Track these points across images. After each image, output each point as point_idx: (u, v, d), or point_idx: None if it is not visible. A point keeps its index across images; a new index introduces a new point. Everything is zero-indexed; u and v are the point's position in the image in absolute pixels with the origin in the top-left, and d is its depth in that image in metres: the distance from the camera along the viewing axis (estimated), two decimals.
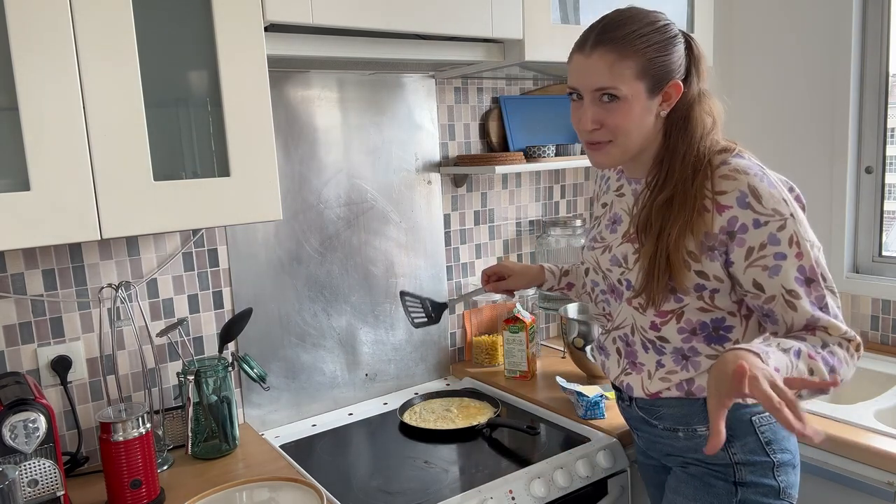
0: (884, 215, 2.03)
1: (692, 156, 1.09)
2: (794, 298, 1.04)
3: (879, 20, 1.96)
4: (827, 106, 2.05)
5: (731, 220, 1.05)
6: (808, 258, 1.04)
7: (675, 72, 1.09)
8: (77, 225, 1.12)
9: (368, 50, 1.46)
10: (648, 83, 1.08)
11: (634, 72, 1.07)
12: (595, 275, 1.28)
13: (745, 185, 1.05)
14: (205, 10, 1.21)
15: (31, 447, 1.15)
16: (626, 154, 1.13)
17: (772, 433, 1.16)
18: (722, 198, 1.05)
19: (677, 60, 1.10)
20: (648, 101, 1.09)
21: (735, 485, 1.17)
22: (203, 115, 1.27)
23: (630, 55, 1.06)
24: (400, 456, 1.54)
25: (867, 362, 1.86)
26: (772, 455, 1.16)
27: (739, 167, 1.06)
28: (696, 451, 1.20)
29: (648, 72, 1.07)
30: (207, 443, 1.52)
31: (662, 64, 1.08)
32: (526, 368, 1.90)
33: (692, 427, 1.19)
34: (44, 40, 1.06)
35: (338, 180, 1.78)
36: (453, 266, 2.03)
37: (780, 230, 1.03)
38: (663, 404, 1.20)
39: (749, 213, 1.04)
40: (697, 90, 1.12)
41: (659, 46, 1.08)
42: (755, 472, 1.16)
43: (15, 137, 1.06)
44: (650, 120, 1.11)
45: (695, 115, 1.11)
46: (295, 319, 1.75)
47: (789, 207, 1.04)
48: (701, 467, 1.20)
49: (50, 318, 1.44)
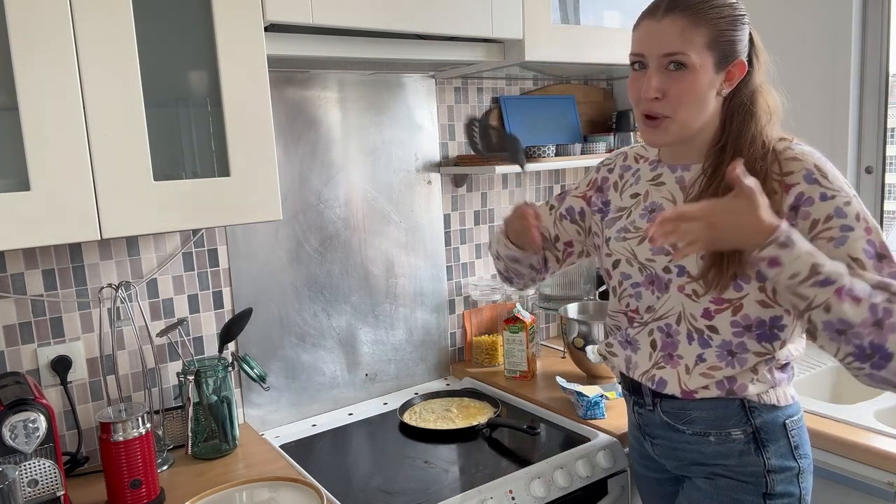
0: (884, 215, 2.03)
1: (760, 140, 1.08)
2: (860, 268, 0.97)
3: (879, 20, 1.96)
4: (827, 106, 2.05)
5: (797, 196, 1.03)
6: (878, 235, 1.00)
7: (741, 51, 1.08)
8: (77, 225, 1.12)
9: (368, 50, 1.46)
10: (717, 56, 1.06)
11: (706, 40, 1.05)
12: (628, 266, 1.21)
13: (812, 164, 1.04)
14: (205, 10, 1.21)
15: (31, 447, 1.15)
16: (683, 132, 1.10)
17: (799, 437, 1.15)
18: (789, 177, 1.04)
19: (744, 40, 1.09)
20: (714, 76, 1.07)
21: (764, 497, 1.13)
22: (203, 115, 1.27)
23: (703, 23, 1.04)
24: (400, 456, 1.54)
25: None
26: (799, 460, 1.15)
27: (805, 150, 1.06)
28: (728, 458, 1.15)
29: (719, 44, 1.06)
30: (207, 443, 1.52)
31: (732, 39, 1.07)
32: (526, 368, 1.90)
33: (726, 430, 1.14)
34: (44, 40, 1.06)
35: (338, 180, 1.78)
36: (453, 266, 2.03)
37: (846, 205, 1.01)
38: (695, 406, 1.16)
39: (816, 187, 1.02)
40: (759, 79, 1.11)
41: (731, 20, 1.07)
42: (784, 481, 1.14)
43: (15, 137, 1.06)
44: (712, 96, 1.09)
45: (759, 102, 1.10)
46: (295, 319, 1.75)
47: (852, 190, 1.04)
48: (730, 478, 1.15)
49: (50, 318, 1.44)
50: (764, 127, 1.09)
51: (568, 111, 2.16)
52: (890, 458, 1.35)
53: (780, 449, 1.14)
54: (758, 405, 1.13)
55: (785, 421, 1.14)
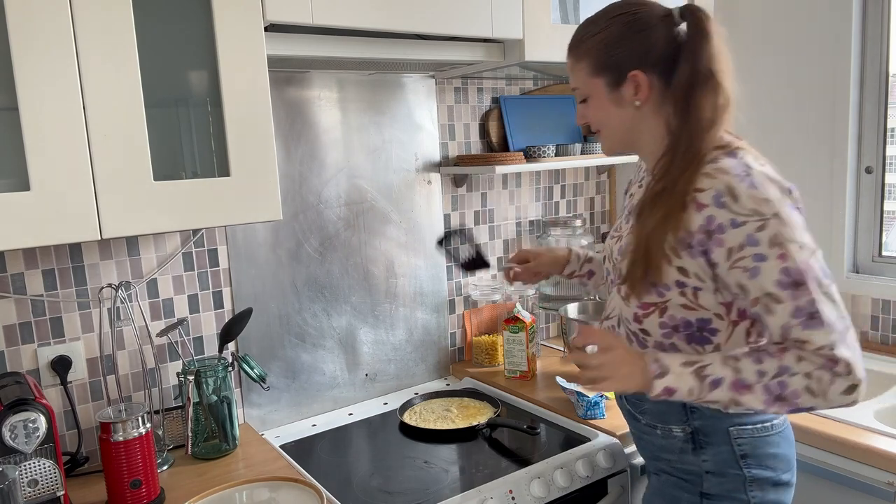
0: (884, 215, 2.03)
1: (692, 150, 1.05)
2: (774, 302, 0.99)
3: (879, 20, 1.96)
4: (827, 106, 2.05)
5: (708, 219, 1.01)
6: (794, 260, 0.97)
7: (638, 61, 1.07)
8: (77, 225, 1.12)
9: (368, 50, 1.46)
10: (606, 79, 1.11)
11: (589, 70, 1.12)
12: (608, 263, 1.26)
13: (723, 184, 1.00)
14: (205, 10, 1.21)
15: (31, 447, 1.15)
16: (616, 142, 1.17)
17: (751, 448, 1.12)
18: (700, 195, 1.02)
19: (642, 48, 1.07)
20: (613, 94, 1.11)
21: (701, 496, 1.14)
22: (203, 115, 1.27)
23: (582, 56, 1.13)
24: (400, 456, 1.54)
25: (867, 362, 1.85)
26: (745, 469, 1.12)
27: (723, 166, 1.02)
28: (671, 453, 1.18)
29: (603, 68, 1.10)
30: (207, 443, 1.52)
31: (616, 57, 1.09)
32: (526, 368, 1.90)
33: (669, 426, 1.17)
34: (44, 40, 1.06)
35: (338, 180, 1.79)
36: (453, 266, 2.03)
37: (759, 230, 0.99)
38: (646, 398, 1.13)
39: (725, 212, 1.00)
40: (696, 73, 1.05)
41: (615, 39, 1.08)
42: (724, 485, 1.13)
43: (15, 137, 1.06)
44: (624, 112, 1.12)
45: (694, 103, 1.06)
46: (295, 319, 1.75)
47: (773, 207, 0.99)
48: (671, 475, 1.19)
49: (50, 318, 1.44)
50: (701, 132, 1.06)
51: (568, 111, 2.16)
52: (890, 458, 1.35)
53: (720, 454, 1.12)
54: (698, 407, 1.12)
55: (728, 428, 1.12)
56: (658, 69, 1.08)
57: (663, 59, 1.08)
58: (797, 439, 1.50)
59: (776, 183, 1.04)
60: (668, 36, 1.07)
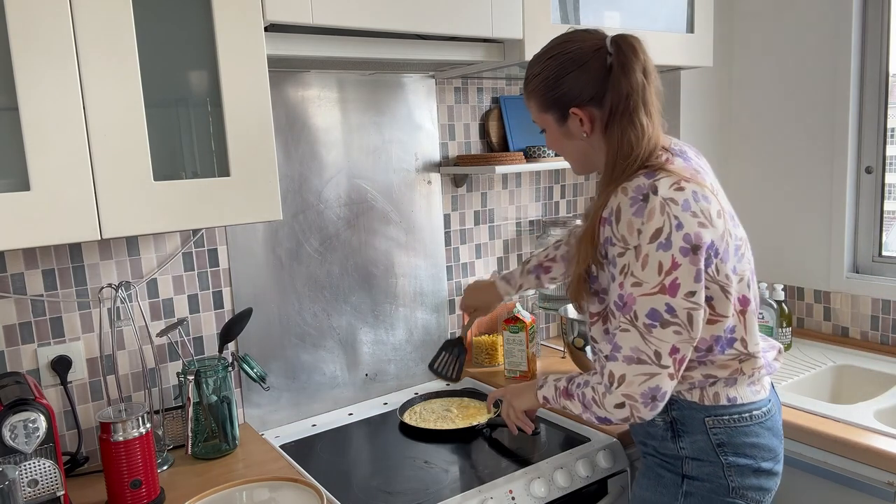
0: (884, 215, 2.03)
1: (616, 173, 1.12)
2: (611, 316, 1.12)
3: (879, 20, 1.96)
4: (827, 106, 2.05)
5: (605, 237, 1.11)
6: (626, 288, 1.07)
7: (576, 97, 1.14)
8: (77, 225, 1.12)
9: (368, 50, 1.46)
10: (554, 114, 1.19)
11: (539, 107, 1.21)
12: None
13: (616, 204, 1.09)
14: (205, 10, 1.21)
15: (31, 447, 1.15)
16: (580, 167, 1.27)
17: (727, 437, 1.17)
18: (604, 211, 1.11)
19: (578, 84, 1.13)
20: (563, 129, 1.20)
21: (682, 477, 1.21)
22: (203, 115, 1.27)
23: (531, 95, 1.21)
24: (400, 456, 1.54)
25: (867, 362, 1.86)
26: (722, 457, 1.17)
27: (627, 187, 1.09)
28: (654, 439, 1.25)
29: (549, 105, 1.18)
30: (207, 443, 1.52)
31: (558, 94, 1.16)
32: (526, 368, 1.90)
33: None
34: (44, 40, 1.06)
35: (338, 180, 1.79)
36: (453, 266, 2.03)
37: (619, 256, 1.08)
38: None
39: (608, 228, 1.10)
40: (617, 103, 1.11)
41: (554, 78, 1.15)
42: (703, 468, 1.19)
43: (15, 137, 1.06)
44: (576, 143, 1.21)
45: (614, 133, 1.13)
46: (295, 319, 1.75)
47: (638, 239, 1.05)
48: (655, 457, 1.26)
49: (50, 318, 1.44)
50: (624, 157, 1.11)
51: None
52: (890, 458, 1.35)
53: (697, 442, 1.19)
54: (677, 399, 1.20)
55: (704, 418, 1.17)
56: (597, 102, 1.14)
57: (600, 92, 1.13)
58: (797, 439, 1.50)
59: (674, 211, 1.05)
60: (601, 68, 1.13)
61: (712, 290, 1.10)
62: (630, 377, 1.08)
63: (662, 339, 1.06)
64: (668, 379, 1.08)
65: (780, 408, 1.26)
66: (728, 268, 1.11)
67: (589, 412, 1.15)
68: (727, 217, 1.13)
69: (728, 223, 1.12)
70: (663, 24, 1.86)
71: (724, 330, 1.14)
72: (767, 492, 1.21)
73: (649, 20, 1.83)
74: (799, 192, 2.17)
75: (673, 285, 1.04)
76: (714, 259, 1.08)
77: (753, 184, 2.29)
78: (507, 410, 1.40)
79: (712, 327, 1.13)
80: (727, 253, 1.10)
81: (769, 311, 1.98)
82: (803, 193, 2.16)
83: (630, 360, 1.08)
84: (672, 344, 1.06)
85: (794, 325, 2.22)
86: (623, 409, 1.09)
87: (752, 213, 2.29)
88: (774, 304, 1.99)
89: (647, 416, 1.09)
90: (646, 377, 1.07)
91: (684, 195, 1.06)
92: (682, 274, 1.04)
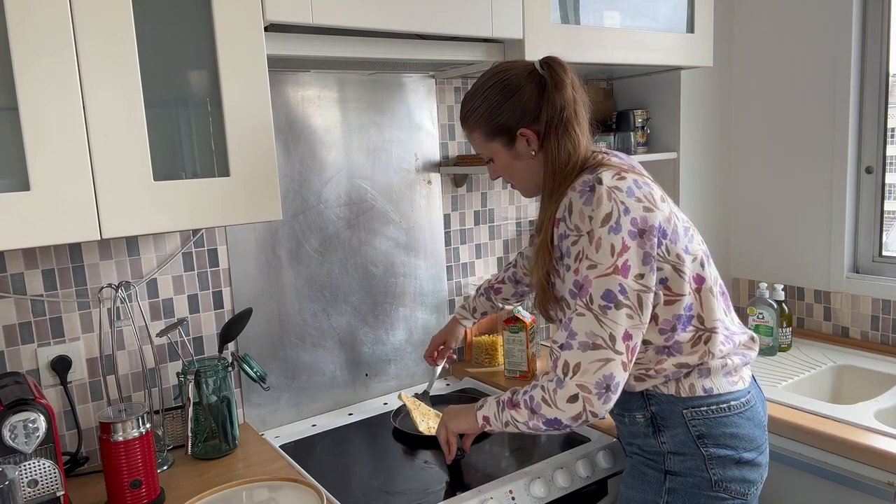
0: (884, 215, 2.03)
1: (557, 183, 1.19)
2: (567, 307, 1.14)
3: (879, 20, 1.96)
4: (827, 106, 2.05)
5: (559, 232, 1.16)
6: (581, 272, 1.10)
7: (520, 119, 1.21)
8: (77, 225, 1.12)
9: (368, 50, 1.46)
10: (501, 140, 1.25)
11: (483, 138, 1.26)
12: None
13: (568, 201, 1.15)
14: (205, 10, 1.21)
15: (30, 447, 1.15)
16: (529, 189, 1.31)
17: (706, 428, 1.19)
18: (556, 213, 1.17)
19: (520, 107, 1.21)
20: (511, 152, 1.25)
21: (665, 473, 1.22)
22: (203, 115, 1.27)
23: (473, 128, 1.27)
24: (400, 456, 1.54)
25: (867, 362, 1.86)
26: (703, 448, 1.19)
27: (575, 185, 1.15)
28: (637, 437, 1.26)
29: (494, 133, 1.24)
30: (207, 443, 1.52)
31: (501, 122, 1.22)
32: (526, 368, 1.90)
33: (632, 413, 1.26)
34: (44, 40, 1.06)
35: (338, 180, 1.79)
36: (453, 266, 2.03)
37: (573, 244, 1.13)
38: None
39: (563, 225, 1.15)
40: (552, 119, 1.19)
41: (495, 106, 1.22)
42: (685, 463, 1.20)
43: (15, 137, 1.06)
44: (526, 163, 1.25)
45: (550, 146, 1.20)
46: (295, 319, 1.75)
47: (590, 225, 1.10)
48: (640, 456, 1.27)
49: (50, 318, 1.44)
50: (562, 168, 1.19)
51: None
52: (890, 458, 1.35)
53: (677, 436, 1.20)
54: (654, 394, 1.22)
55: (682, 411, 1.19)
56: (535, 120, 1.21)
57: (536, 111, 1.21)
58: (797, 439, 1.51)
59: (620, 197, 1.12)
60: (537, 90, 1.21)
61: (666, 271, 1.15)
62: (585, 365, 1.09)
63: (616, 321, 1.09)
64: (621, 368, 1.09)
65: (763, 401, 1.29)
66: (679, 248, 1.16)
67: (536, 416, 1.14)
68: (671, 202, 1.20)
69: (673, 207, 1.19)
70: (663, 24, 1.86)
71: (683, 308, 1.17)
72: (752, 484, 1.21)
73: (649, 20, 1.83)
74: (799, 192, 2.17)
75: (625, 266, 1.09)
76: (664, 240, 1.14)
77: (753, 184, 2.29)
78: (440, 432, 1.37)
79: (672, 307, 1.17)
80: (676, 234, 1.16)
81: (769, 311, 1.98)
82: (803, 193, 2.16)
83: (585, 346, 1.09)
84: (625, 328, 1.09)
85: (794, 325, 2.22)
86: (576, 404, 1.09)
87: (752, 212, 2.30)
88: (774, 304, 1.99)
89: (599, 410, 1.09)
90: (600, 363, 1.08)
91: (626, 183, 1.14)
92: (631, 256, 1.10)
